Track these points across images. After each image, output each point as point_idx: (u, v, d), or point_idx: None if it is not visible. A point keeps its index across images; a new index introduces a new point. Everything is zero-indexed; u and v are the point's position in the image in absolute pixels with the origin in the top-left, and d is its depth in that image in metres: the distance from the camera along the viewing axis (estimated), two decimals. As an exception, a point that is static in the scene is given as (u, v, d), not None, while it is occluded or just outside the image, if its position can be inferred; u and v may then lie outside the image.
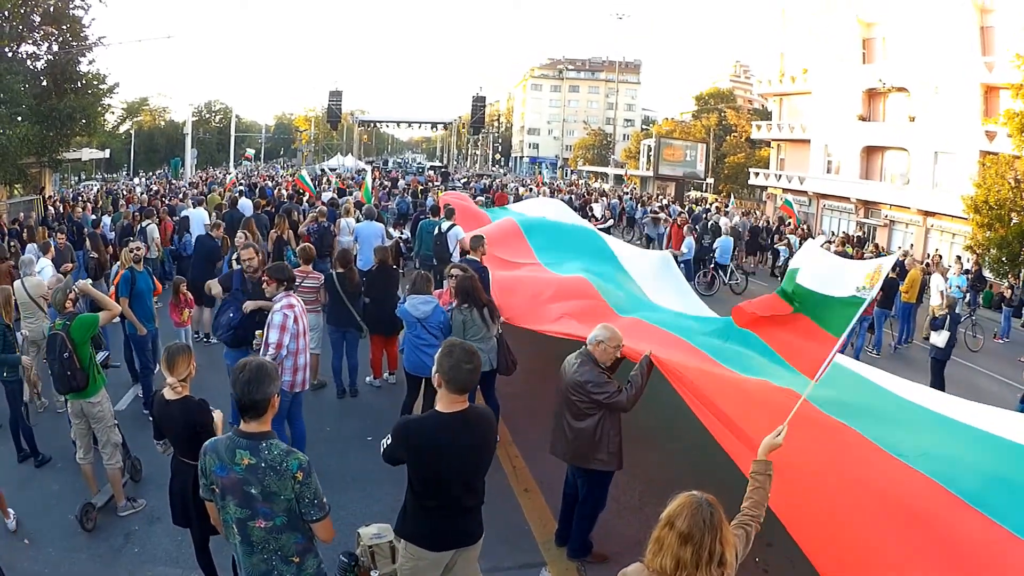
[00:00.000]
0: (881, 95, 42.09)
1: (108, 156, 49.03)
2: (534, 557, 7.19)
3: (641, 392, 6.52)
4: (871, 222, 43.24)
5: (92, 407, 7.60)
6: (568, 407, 6.68)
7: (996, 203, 27.06)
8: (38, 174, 30.80)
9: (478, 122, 70.93)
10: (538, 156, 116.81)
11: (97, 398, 7.64)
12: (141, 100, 60.42)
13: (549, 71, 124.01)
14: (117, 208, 24.97)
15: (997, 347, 20.39)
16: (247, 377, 4.14)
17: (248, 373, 4.15)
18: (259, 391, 4.14)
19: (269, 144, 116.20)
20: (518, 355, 9.49)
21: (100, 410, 7.65)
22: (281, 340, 7.65)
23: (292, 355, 7.87)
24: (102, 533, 7.31)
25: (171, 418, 5.70)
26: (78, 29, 28.80)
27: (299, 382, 8.13)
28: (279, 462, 4.13)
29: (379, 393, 11.64)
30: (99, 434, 7.67)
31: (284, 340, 7.66)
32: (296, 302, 8.03)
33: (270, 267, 8.42)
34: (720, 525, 3.27)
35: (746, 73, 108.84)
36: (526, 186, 52.40)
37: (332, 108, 67.11)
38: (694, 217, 30.51)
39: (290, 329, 7.74)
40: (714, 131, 79.70)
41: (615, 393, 6.40)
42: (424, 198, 29.87)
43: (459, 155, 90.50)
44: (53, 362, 7.52)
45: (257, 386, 4.14)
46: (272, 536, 4.24)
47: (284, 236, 16.11)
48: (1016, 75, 26.59)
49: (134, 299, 10.40)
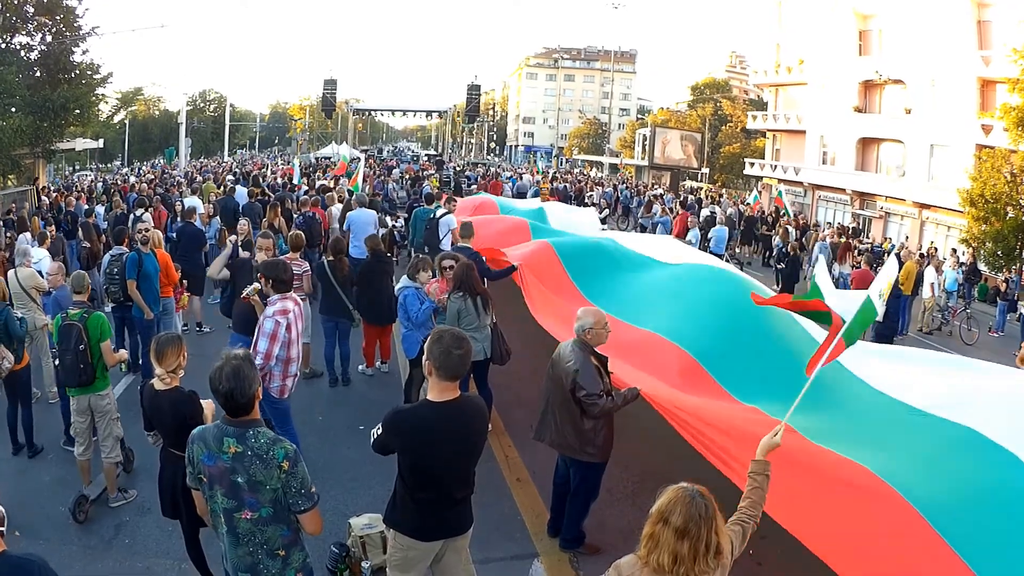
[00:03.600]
0: (877, 87, 42.06)
1: (102, 146, 48.96)
2: (526, 548, 7.17)
3: (615, 410, 6.51)
4: (866, 213, 43.28)
5: (100, 400, 7.59)
6: (557, 396, 6.67)
7: (992, 197, 27.16)
8: (32, 164, 30.75)
9: (473, 111, 70.64)
10: (533, 145, 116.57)
11: (105, 391, 7.64)
12: (135, 90, 60.33)
13: (544, 60, 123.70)
14: (110, 198, 24.91)
15: (992, 340, 20.41)
16: (228, 387, 4.10)
17: (227, 382, 4.10)
18: (243, 395, 4.13)
19: (264, 133, 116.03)
20: (512, 345, 9.47)
21: (107, 403, 7.65)
22: (271, 351, 7.19)
23: (282, 363, 7.43)
24: (93, 524, 7.29)
25: (160, 409, 5.67)
26: (71, 19, 28.83)
27: (289, 388, 7.68)
28: (265, 451, 4.10)
29: (371, 382, 11.63)
30: (101, 427, 7.63)
31: (274, 351, 7.21)
32: (292, 306, 7.55)
33: (265, 263, 8.07)
34: (714, 516, 3.28)
35: (742, 64, 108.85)
36: (519, 173, 52.39)
37: (327, 96, 66.82)
38: (687, 207, 30.47)
39: (281, 338, 7.28)
40: (710, 121, 79.67)
41: (596, 397, 6.33)
42: (419, 186, 29.81)
43: (454, 144, 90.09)
44: (66, 353, 7.41)
45: (240, 391, 4.12)
46: (258, 528, 4.21)
47: (276, 224, 16.07)
48: (1013, 69, 26.62)
49: (141, 281, 10.35)
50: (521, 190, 34.35)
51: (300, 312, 7.82)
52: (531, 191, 32.77)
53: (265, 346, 7.18)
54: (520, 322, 10.26)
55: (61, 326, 7.58)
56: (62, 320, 7.63)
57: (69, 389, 7.72)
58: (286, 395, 7.64)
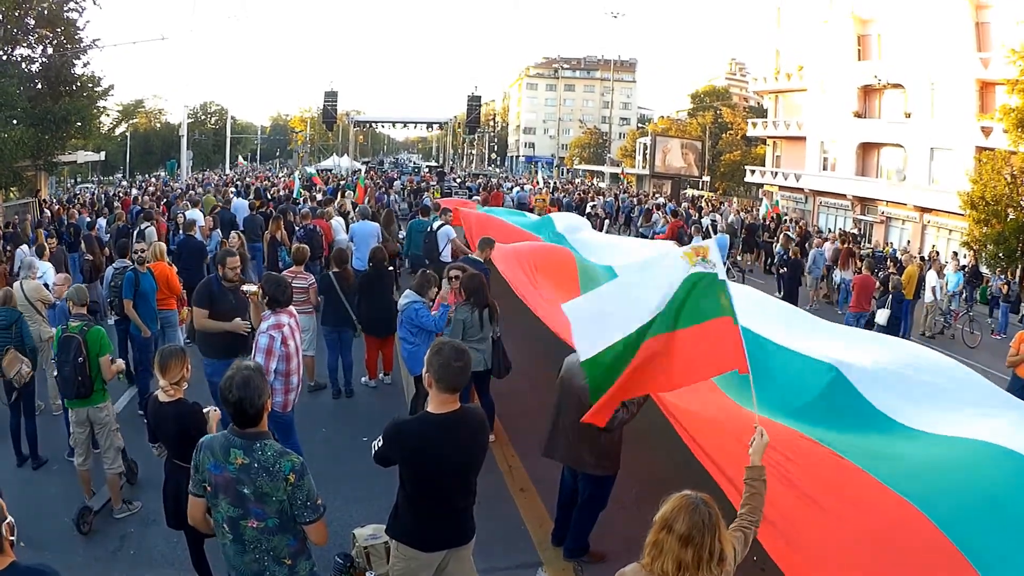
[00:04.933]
0: (877, 91, 42.15)
1: (104, 158, 49.00)
2: (531, 557, 7.19)
3: (630, 421, 6.46)
4: (867, 219, 43.32)
5: (99, 412, 7.61)
6: (570, 413, 6.55)
7: (992, 199, 27.19)
8: (34, 177, 30.78)
9: (473, 122, 70.80)
10: (534, 155, 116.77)
11: (103, 404, 7.65)
12: (136, 102, 60.28)
13: (544, 70, 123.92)
14: (112, 210, 24.96)
15: (995, 343, 20.35)
16: (238, 396, 4.13)
17: (237, 391, 4.13)
18: (252, 406, 4.16)
19: (265, 145, 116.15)
20: (515, 355, 9.49)
21: (106, 415, 7.67)
22: (267, 366, 7.13)
23: (282, 376, 7.43)
24: (98, 536, 7.31)
25: (165, 421, 5.69)
26: (72, 32, 28.79)
27: (292, 402, 7.70)
28: (272, 463, 4.12)
29: (374, 394, 11.64)
30: (102, 439, 7.66)
31: (271, 366, 7.19)
32: (287, 320, 7.55)
33: (268, 278, 8.02)
34: (718, 523, 3.29)
35: (742, 71, 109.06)
36: (520, 184, 52.46)
37: (327, 109, 67.00)
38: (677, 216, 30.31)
39: (277, 352, 7.27)
40: (710, 129, 79.73)
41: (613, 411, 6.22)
42: (419, 198, 29.86)
43: (455, 155, 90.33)
44: (64, 364, 7.45)
45: (249, 401, 4.15)
46: (264, 537, 4.23)
47: (278, 237, 16.09)
48: (1011, 70, 26.64)
49: (138, 299, 10.36)
50: (522, 200, 34.47)
51: (297, 325, 7.81)
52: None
53: (262, 362, 7.11)
54: (524, 332, 10.31)
55: (61, 338, 7.61)
56: (62, 332, 7.66)
57: (67, 401, 7.76)
58: (289, 408, 7.64)
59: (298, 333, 7.83)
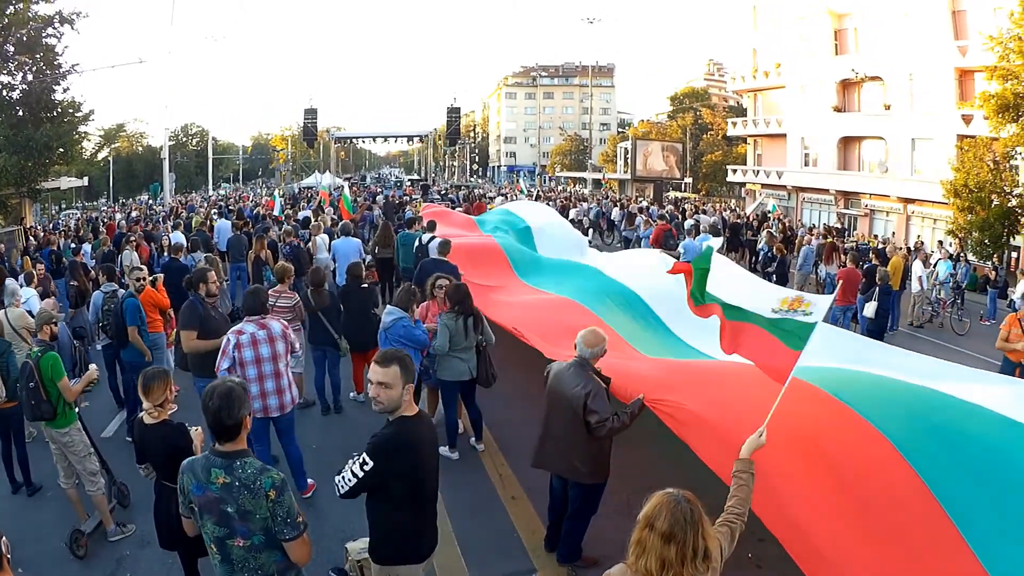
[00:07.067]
0: (855, 85, 42.37)
1: (87, 184, 48.96)
2: (524, 564, 7.20)
3: (625, 429, 6.47)
4: (851, 212, 43.52)
5: (61, 436, 7.60)
6: (560, 422, 6.61)
7: (976, 186, 27.33)
8: (18, 205, 30.74)
9: (454, 133, 70.88)
10: (516, 164, 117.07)
11: (65, 429, 7.61)
12: (118, 126, 60.47)
13: (523, 79, 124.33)
14: (97, 235, 24.90)
15: (984, 329, 20.43)
16: (216, 404, 4.17)
17: (217, 400, 4.18)
18: (230, 416, 4.18)
19: (247, 165, 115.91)
20: (503, 364, 9.52)
21: (69, 440, 7.61)
22: (219, 364, 7.65)
23: (256, 381, 7.76)
24: (94, 559, 7.30)
25: (151, 442, 5.69)
26: (51, 57, 28.86)
27: (272, 407, 7.95)
28: (252, 480, 4.12)
29: (363, 408, 11.56)
30: (74, 463, 7.64)
31: (222, 364, 7.61)
32: (253, 329, 7.87)
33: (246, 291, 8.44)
34: (700, 520, 3.29)
35: (720, 71, 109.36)
36: (503, 194, 52.48)
37: (307, 126, 66.86)
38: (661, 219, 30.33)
39: (230, 354, 7.67)
40: (690, 130, 79.97)
41: (604, 420, 6.28)
42: (402, 212, 29.85)
43: (437, 167, 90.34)
44: (22, 389, 7.60)
45: (228, 412, 4.17)
46: (251, 555, 4.22)
47: (262, 256, 16.07)
48: (990, 57, 26.78)
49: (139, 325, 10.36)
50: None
51: (268, 338, 7.95)
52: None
53: (216, 361, 7.73)
54: (512, 340, 10.31)
55: (23, 363, 7.73)
56: (26, 357, 7.76)
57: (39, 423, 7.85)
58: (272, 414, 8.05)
59: (266, 346, 7.93)
